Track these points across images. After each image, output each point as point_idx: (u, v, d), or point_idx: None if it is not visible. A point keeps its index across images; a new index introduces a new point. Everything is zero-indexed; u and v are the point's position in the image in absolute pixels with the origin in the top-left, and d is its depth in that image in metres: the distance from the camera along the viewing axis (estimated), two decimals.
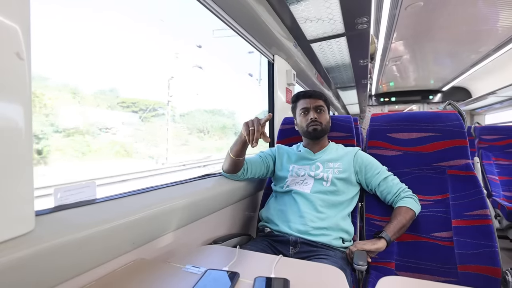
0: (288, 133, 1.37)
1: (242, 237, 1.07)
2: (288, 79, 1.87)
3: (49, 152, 8.74)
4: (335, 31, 1.56)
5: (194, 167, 9.47)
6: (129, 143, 11.79)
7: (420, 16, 2.15)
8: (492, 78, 3.48)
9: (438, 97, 5.20)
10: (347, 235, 0.97)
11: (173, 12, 43.99)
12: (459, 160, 1.04)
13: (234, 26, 1.29)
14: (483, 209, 0.92)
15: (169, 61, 27.90)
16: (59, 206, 0.57)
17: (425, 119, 1.12)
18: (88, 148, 10.21)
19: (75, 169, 8.81)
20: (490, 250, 0.87)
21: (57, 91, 10.89)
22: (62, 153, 9.30)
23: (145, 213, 0.68)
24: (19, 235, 0.45)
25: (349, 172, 1.04)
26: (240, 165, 1.04)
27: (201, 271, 0.57)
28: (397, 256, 0.98)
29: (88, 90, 13.90)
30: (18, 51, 0.45)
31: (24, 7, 0.46)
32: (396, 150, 1.14)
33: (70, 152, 9.54)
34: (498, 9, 2.01)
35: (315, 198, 0.99)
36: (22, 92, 0.45)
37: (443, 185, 1.03)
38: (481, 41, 2.66)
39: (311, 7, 1.28)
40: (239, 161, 1.01)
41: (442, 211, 0.99)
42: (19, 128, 0.45)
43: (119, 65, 22.80)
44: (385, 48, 2.83)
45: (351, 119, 1.28)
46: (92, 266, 0.56)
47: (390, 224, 0.92)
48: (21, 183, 0.45)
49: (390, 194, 1.00)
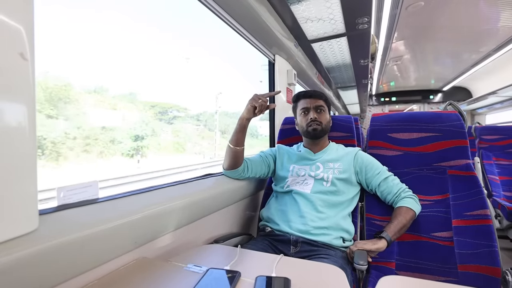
0: (288, 133, 1.37)
1: (243, 237, 1.08)
2: (288, 79, 1.88)
3: (148, 148, 12.16)
4: (336, 31, 1.56)
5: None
6: (181, 142, 14.55)
7: (421, 16, 2.15)
8: (493, 78, 3.48)
9: (439, 97, 5.20)
10: (347, 234, 0.97)
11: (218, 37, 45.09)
12: (459, 160, 1.04)
13: (235, 26, 1.29)
14: (483, 209, 0.92)
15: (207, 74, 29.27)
16: (62, 206, 0.57)
17: (425, 119, 1.12)
18: (159, 146, 13.08)
19: (165, 159, 11.48)
20: (490, 250, 0.87)
21: (118, 100, 13.16)
22: (150, 149, 12.23)
23: (147, 213, 0.68)
24: (23, 234, 0.46)
25: (349, 172, 1.05)
26: (240, 157, 1.06)
27: (203, 270, 0.57)
28: (398, 255, 0.98)
29: (129, 96, 15.66)
30: (22, 52, 0.45)
31: (28, 8, 0.46)
32: (397, 150, 1.14)
33: (154, 149, 12.83)
34: (499, 9, 2.01)
35: (315, 198, 0.99)
36: (26, 93, 0.45)
37: (444, 185, 1.03)
38: (482, 41, 2.66)
39: (312, 7, 1.28)
40: (238, 151, 1.04)
41: (443, 211, 0.99)
42: (23, 128, 0.45)
43: (141, 70, 23.51)
44: (385, 48, 2.83)
45: (352, 119, 1.28)
46: (94, 265, 0.56)
47: (391, 224, 0.92)
48: (25, 182, 0.46)
49: (390, 194, 1.00)
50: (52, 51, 13.07)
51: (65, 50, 19.94)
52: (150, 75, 23.33)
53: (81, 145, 9.51)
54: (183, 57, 27.89)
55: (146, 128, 13.01)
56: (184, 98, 21.69)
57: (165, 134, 14.34)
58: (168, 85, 21.61)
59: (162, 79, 23.08)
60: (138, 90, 19.91)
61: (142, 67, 24.06)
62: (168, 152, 13.19)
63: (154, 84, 20.92)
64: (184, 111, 15.95)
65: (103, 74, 18.43)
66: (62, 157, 8.77)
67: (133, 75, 21.70)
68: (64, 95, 10.13)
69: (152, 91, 20.73)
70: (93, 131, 10.28)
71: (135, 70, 23.38)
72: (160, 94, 21.89)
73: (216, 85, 27.84)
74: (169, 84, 21.43)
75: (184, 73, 19.06)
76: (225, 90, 33.21)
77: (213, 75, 24.81)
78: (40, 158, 7.88)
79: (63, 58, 18.92)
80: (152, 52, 26.85)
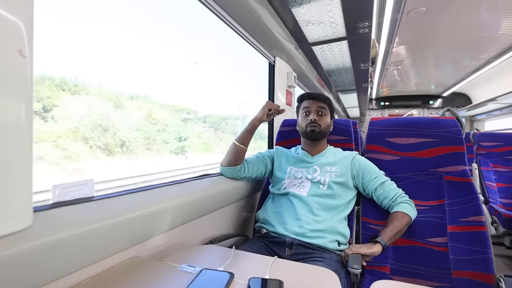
0: (287, 135, 1.38)
1: (238, 238, 1.08)
2: (288, 81, 1.88)
3: (189, 147, 13.76)
4: (337, 34, 1.56)
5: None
6: (208, 142, 15.83)
7: (422, 21, 2.16)
8: (493, 85, 3.49)
9: (439, 102, 5.21)
10: (343, 238, 0.97)
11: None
12: (456, 166, 1.04)
13: (236, 28, 1.30)
14: (478, 215, 0.93)
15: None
16: (57, 203, 0.57)
17: (423, 124, 1.12)
18: (193, 145, 14.44)
19: (202, 157, 12.73)
20: (484, 257, 0.87)
21: (151, 104, 14.22)
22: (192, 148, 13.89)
23: (142, 212, 0.68)
24: (16, 230, 0.46)
25: (346, 176, 1.05)
26: (242, 156, 1.10)
27: (196, 271, 0.57)
28: (392, 260, 0.98)
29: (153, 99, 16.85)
30: (21, 49, 0.45)
31: (27, 2, 0.46)
32: (394, 155, 1.15)
33: (198, 148, 14.40)
34: (500, 16, 2.02)
35: (312, 201, 0.99)
36: (23, 90, 0.45)
37: (440, 190, 1.03)
38: (482, 48, 2.67)
39: (313, 10, 1.28)
40: (242, 150, 1.09)
41: (438, 216, 1.00)
42: (19, 125, 0.45)
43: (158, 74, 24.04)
44: (386, 52, 2.84)
45: (350, 122, 1.29)
46: (88, 263, 0.56)
47: (386, 229, 0.92)
48: (20, 179, 0.46)
49: (386, 199, 1.01)
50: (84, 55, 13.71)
51: (95, 57, 20.34)
52: (163, 77, 23.65)
53: (144, 145, 11.60)
54: (191, 61, 28.17)
55: (184, 131, 14.62)
56: (197, 102, 21.87)
57: (194, 135, 15.83)
58: (181, 89, 21.84)
59: (175, 81, 23.36)
60: (156, 94, 20.55)
61: (156, 70, 24.44)
62: (199, 151, 14.54)
63: (168, 86, 21.27)
64: (194, 113, 16.76)
65: (128, 79, 18.78)
66: (134, 154, 10.93)
67: (148, 78, 22.08)
68: (119, 102, 12.01)
69: (169, 94, 21.09)
70: (151, 133, 12.30)
71: (150, 73, 23.77)
72: (176, 98, 22.25)
73: (228, 89, 28.15)
74: (182, 88, 21.67)
75: (194, 76, 19.36)
76: (230, 93, 33.57)
77: (221, 77, 25.11)
78: (123, 153, 10.00)
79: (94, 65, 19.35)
80: (164, 56, 27.09)
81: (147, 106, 13.28)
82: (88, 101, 10.04)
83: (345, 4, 1.22)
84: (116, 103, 11.56)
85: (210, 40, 21.89)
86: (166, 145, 12.79)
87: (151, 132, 12.12)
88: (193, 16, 29.75)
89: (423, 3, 1.91)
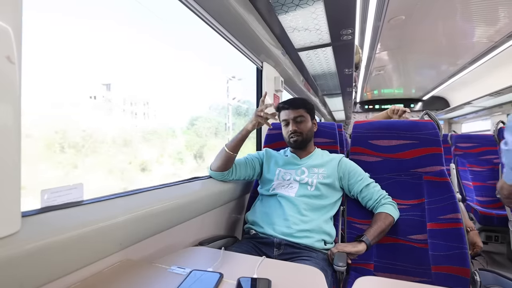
0: (275, 138, 1.40)
1: (228, 239, 1.09)
2: (276, 86, 1.92)
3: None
4: (322, 41, 1.61)
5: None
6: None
7: (403, 28, 2.26)
8: (468, 89, 3.68)
9: (419, 105, 5.42)
10: (329, 237, 1.01)
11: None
12: (434, 167, 1.10)
13: (225, 34, 1.32)
14: (455, 213, 0.98)
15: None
16: (46, 208, 0.57)
17: (403, 127, 1.18)
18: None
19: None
20: (461, 252, 0.92)
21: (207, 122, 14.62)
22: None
23: (133, 215, 0.69)
24: (4, 236, 0.45)
25: (333, 178, 1.09)
26: (231, 162, 1.10)
27: (186, 272, 0.58)
28: (376, 257, 1.02)
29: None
30: (9, 55, 0.45)
31: (16, 8, 0.46)
32: (377, 156, 1.20)
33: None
34: (473, 25, 2.14)
35: (300, 201, 1.02)
36: (11, 95, 0.45)
37: (420, 190, 1.09)
38: (458, 54, 2.82)
39: (299, 17, 1.32)
40: (232, 157, 1.08)
41: (419, 214, 1.05)
42: (8, 130, 0.45)
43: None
44: (369, 58, 2.94)
45: (335, 125, 1.33)
46: (78, 266, 0.56)
47: (371, 229, 0.96)
48: (8, 183, 0.45)
49: (371, 200, 1.05)
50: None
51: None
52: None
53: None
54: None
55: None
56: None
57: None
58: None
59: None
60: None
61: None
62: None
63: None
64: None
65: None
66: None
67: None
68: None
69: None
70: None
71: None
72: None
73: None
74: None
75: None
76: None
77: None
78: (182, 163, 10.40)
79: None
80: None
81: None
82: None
83: (329, 12, 1.27)
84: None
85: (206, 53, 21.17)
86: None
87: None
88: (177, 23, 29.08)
89: (403, 12, 2.01)
